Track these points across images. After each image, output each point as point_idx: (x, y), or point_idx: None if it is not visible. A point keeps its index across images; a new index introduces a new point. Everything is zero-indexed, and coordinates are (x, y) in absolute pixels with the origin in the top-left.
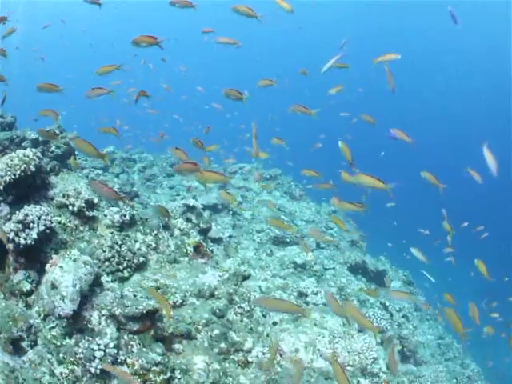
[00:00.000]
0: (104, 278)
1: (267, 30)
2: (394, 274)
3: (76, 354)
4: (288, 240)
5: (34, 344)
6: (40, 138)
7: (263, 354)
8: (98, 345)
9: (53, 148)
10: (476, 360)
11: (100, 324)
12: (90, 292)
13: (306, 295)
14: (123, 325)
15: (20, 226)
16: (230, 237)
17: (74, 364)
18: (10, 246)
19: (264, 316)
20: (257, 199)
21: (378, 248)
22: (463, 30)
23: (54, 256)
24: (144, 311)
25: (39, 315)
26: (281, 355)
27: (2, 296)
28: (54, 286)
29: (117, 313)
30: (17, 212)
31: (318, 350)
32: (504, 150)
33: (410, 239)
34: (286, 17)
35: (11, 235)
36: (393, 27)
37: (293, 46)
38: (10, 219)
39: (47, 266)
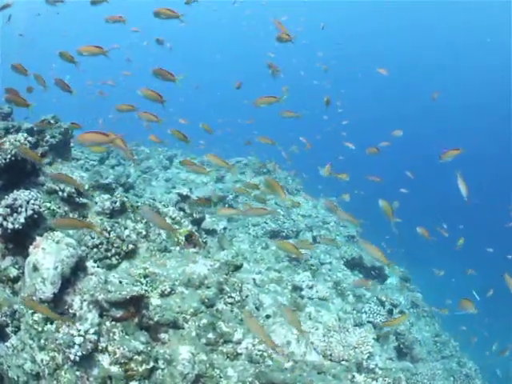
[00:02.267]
0: (90, 264)
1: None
2: (391, 270)
3: (56, 340)
4: (284, 234)
5: (17, 330)
6: (35, 128)
7: (253, 345)
8: (78, 330)
9: (47, 137)
10: (473, 359)
11: (82, 309)
12: (72, 276)
13: (301, 289)
14: (106, 311)
15: (8, 210)
16: (225, 229)
17: (54, 351)
18: None
19: (257, 309)
20: (253, 193)
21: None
22: (463, 30)
23: (37, 238)
24: (127, 297)
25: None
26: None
27: None
28: (35, 269)
29: (99, 298)
30: (6, 197)
31: (312, 343)
32: (504, 148)
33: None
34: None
35: None
36: (392, 27)
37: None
38: None
39: (30, 248)
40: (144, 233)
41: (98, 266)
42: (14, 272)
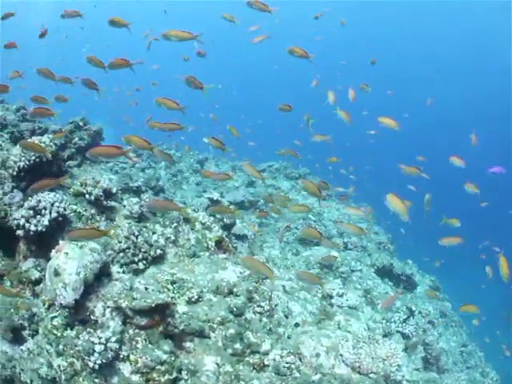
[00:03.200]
0: (115, 269)
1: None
2: (420, 278)
3: (76, 346)
4: (315, 240)
5: (35, 333)
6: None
7: (281, 357)
8: (99, 338)
9: (76, 140)
10: (496, 368)
11: (104, 316)
12: (96, 281)
13: (331, 297)
14: (130, 318)
15: (31, 212)
16: (255, 234)
17: (73, 357)
18: (20, 232)
19: (286, 317)
20: (278, 205)
21: (405, 251)
22: (463, 31)
23: (60, 242)
24: (153, 305)
25: (43, 304)
26: (300, 359)
27: (9, 284)
28: (57, 273)
29: (123, 305)
30: (29, 198)
31: (341, 355)
32: (504, 151)
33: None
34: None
35: (22, 221)
36: (392, 28)
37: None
38: (22, 206)
39: (52, 252)
40: (173, 238)
41: (123, 272)
42: (35, 274)
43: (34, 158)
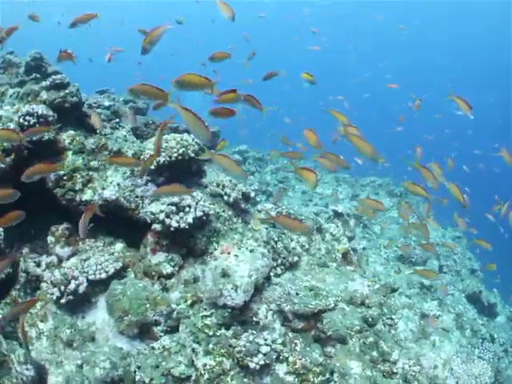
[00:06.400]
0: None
1: None
2: (501, 308)
3: (231, 346)
4: (413, 260)
5: (170, 330)
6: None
7: (409, 366)
8: (265, 340)
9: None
10: None
11: (267, 318)
12: (261, 285)
13: (428, 317)
14: (288, 321)
15: (174, 208)
16: (364, 249)
17: (223, 356)
18: (157, 226)
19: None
20: (386, 215)
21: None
22: (462, 31)
23: (224, 243)
24: (315, 310)
25: (185, 301)
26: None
27: (133, 275)
28: (225, 274)
29: (286, 309)
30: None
31: (452, 368)
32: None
33: None
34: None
35: (161, 216)
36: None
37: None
38: (158, 200)
39: (216, 253)
40: (306, 246)
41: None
42: (167, 269)
43: (176, 155)
